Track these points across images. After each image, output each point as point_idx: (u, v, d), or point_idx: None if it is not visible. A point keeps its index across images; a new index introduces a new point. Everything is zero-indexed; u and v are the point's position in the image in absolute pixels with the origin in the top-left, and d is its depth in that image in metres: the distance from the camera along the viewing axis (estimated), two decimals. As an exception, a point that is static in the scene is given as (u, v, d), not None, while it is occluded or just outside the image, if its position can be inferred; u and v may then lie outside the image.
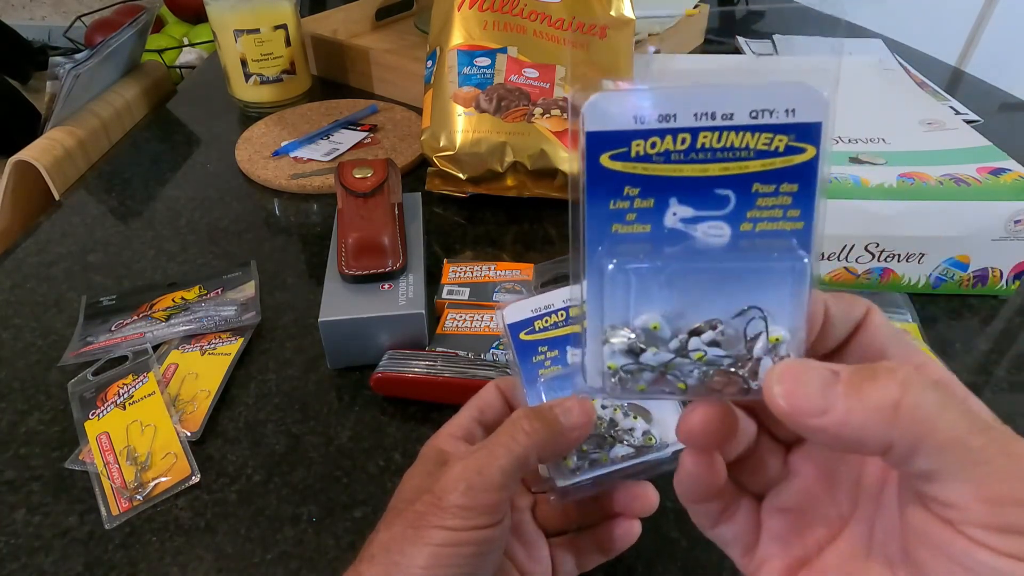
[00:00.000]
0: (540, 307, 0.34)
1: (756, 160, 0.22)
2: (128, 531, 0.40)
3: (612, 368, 0.24)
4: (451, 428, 0.34)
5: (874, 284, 0.56)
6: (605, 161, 0.23)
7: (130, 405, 0.46)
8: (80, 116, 0.77)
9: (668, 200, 0.23)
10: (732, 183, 0.22)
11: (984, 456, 0.19)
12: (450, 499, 0.28)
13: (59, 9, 2.57)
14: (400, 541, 0.28)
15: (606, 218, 0.23)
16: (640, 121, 0.22)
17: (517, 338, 0.34)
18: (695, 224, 0.23)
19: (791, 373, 0.21)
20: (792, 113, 0.22)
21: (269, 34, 0.80)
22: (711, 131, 0.22)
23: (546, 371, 0.33)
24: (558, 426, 0.29)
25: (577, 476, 0.32)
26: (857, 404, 0.19)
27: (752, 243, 0.23)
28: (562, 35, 0.68)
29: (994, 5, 1.62)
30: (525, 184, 0.67)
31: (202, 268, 0.60)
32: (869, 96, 0.68)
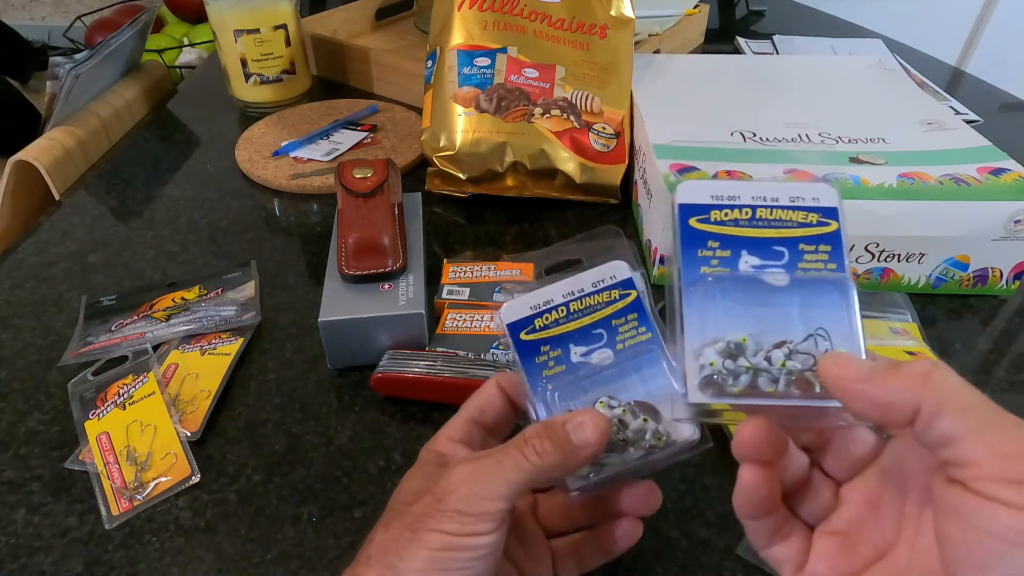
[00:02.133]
0: (539, 304, 0.34)
1: (799, 228, 0.31)
2: (128, 531, 0.40)
3: (713, 364, 0.29)
4: (449, 431, 0.34)
5: (874, 284, 0.56)
6: (693, 223, 0.32)
7: (130, 405, 0.46)
8: (80, 116, 0.77)
9: (740, 252, 0.31)
10: (785, 243, 0.31)
11: (996, 420, 0.22)
12: (450, 502, 0.28)
13: (59, 9, 2.57)
14: (397, 543, 0.28)
15: (696, 262, 0.31)
16: (716, 198, 0.32)
17: (517, 338, 0.34)
18: (763, 271, 0.31)
19: (842, 355, 0.26)
20: (816, 200, 0.32)
21: (269, 34, 0.80)
22: (764, 207, 0.32)
23: (550, 372, 0.33)
24: (570, 446, 0.29)
25: (589, 479, 0.32)
26: (895, 373, 0.24)
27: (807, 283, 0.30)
28: (562, 35, 0.68)
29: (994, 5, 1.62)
30: (525, 184, 0.67)
31: (202, 268, 0.60)
32: (869, 96, 0.68)
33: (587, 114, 0.67)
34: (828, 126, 0.61)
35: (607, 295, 0.34)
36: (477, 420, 0.34)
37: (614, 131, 0.67)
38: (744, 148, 0.58)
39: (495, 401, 0.34)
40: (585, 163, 0.66)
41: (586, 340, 0.33)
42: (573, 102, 0.67)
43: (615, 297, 0.34)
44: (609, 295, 0.34)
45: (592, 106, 0.67)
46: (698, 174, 0.54)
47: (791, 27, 1.10)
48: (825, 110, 0.64)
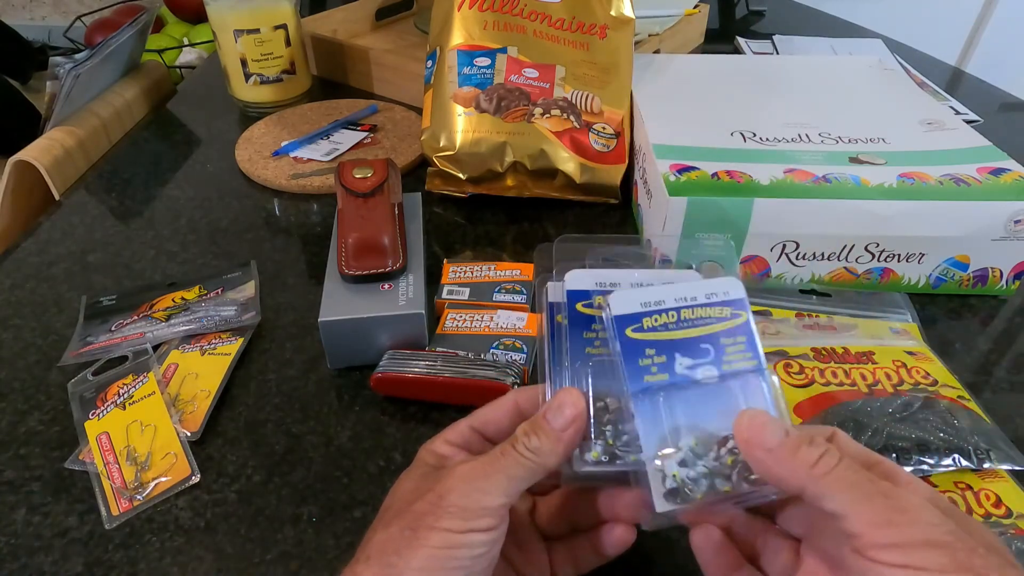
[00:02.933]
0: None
1: (717, 324, 0.33)
2: (128, 531, 0.40)
3: (676, 476, 0.29)
4: (449, 434, 0.34)
5: (874, 284, 0.56)
6: (629, 333, 0.32)
7: (130, 405, 0.46)
8: (80, 116, 0.77)
9: (674, 355, 0.32)
10: (709, 339, 0.32)
11: (866, 496, 0.26)
12: (451, 499, 0.28)
13: (59, 9, 2.57)
14: (397, 542, 0.28)
15: (639, 372, 0.31)
16: (645, 305, 0.32)
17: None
18: (695, 370, 0.32)
19: (760, 417, 0.29)
20: (727, 294, 0.33)
21: (269, 34, 0.80)
22: (687, 308, 0.33)
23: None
24: (553, 433, 0.30)
25: (597, 468, 0.31)
26: (790, 455, 0.27)
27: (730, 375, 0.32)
28: (562, 35, 0.68)
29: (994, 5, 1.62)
30: (525, 184, 0.67)
31: (202, 268, 0.60)
32: (869, 96, 0.68)
33: (587, 114, 0.67)
34: (828, 126, 0.61)
35: (719, 311, 0.33)
36: (479, 430, 0.34)
37: (614, 131, 0.67)
38: (744, 148, 0.58)
39: (503, 418, 0.34)
40: (585, 163, 0.66)
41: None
42: (573, 102, 0.67)
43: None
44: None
45: (592, 106, 0.67)
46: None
47: (791, 27, 1.10)
48: (825, 110, 0.64)
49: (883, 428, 0.41)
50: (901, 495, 0.26)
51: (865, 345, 0.48)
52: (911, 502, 0.25)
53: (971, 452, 0.40)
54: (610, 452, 0.31)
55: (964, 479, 0.40)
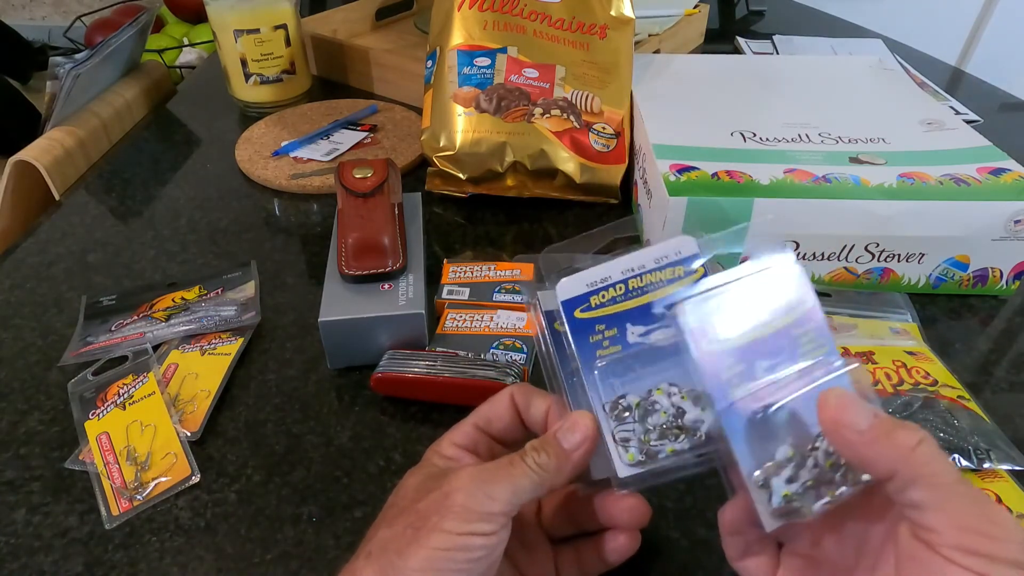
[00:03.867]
0: (596, 280, 0.33)
1: (670, 285, 0.33)
2: (128, 531, 0.40)
3: (787, 496, 0.28)
4: (455, 436, 0.34)
5: (874, 284, 0.56)
6: (578, 315, 0.32)
7: (130, 405, 0.46)
8: (80, 116, 0.77)
9: (625, 326, 0.32)
10: (659, 304, 0.32)
11: (959, 497, 0.25)
12: (456, 498, 0.28)
13: (59, 9, 2.57)
14: (399, 541, 0.28)
15: (590, 348, 0.32)
16: (591, 285, 0.33)
17: (572, 316, 0.32)
18: (649, 336, 0.32)
19: (846, 399, 0.27)
20: (679, 253, 0.33)
21: (269, 34, 0.80)
22: (634, 278, 0.33)
23: (604, 351, 0.32)
24: (562, 453, 0.30)
25: (639, 468, 0.31)
26: (885, 440, 0.26)
27: None
28: (562, 35, 0.68)
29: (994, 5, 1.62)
30: (525, 184, 0.67)
31: (202, 268, 0.60)
32: (869, 96, 0.68)
33: (587, 114, 0.67)
34: (828, 126, 0.61)
35: (671, 271, 0.32)
36: (484, 429, 0.34)
37: (614, 131, 0.67)
38: (744, 148, 0.58)
39: (504, 413, 0.34)
40: (585, 163, 0.66)
41: (645, 319, 0.32)
42: (573, 102, 0.67)
43: (679, 275, 0.32)
44: (673, 272, 0.32)
45: (592, 106, 0.67)
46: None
47: (791, 27, 1.10)
48: (825, 110, 0.64)
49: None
50: (994, 507, 0.25)
51: (865, 345, 0.48)
52: (1004, 517, 0.25)
53: (971, 452, 0.40)
54: (646, 450, 0.31)
55: (964, 479, 0.40)
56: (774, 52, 1.01)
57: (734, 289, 0.31)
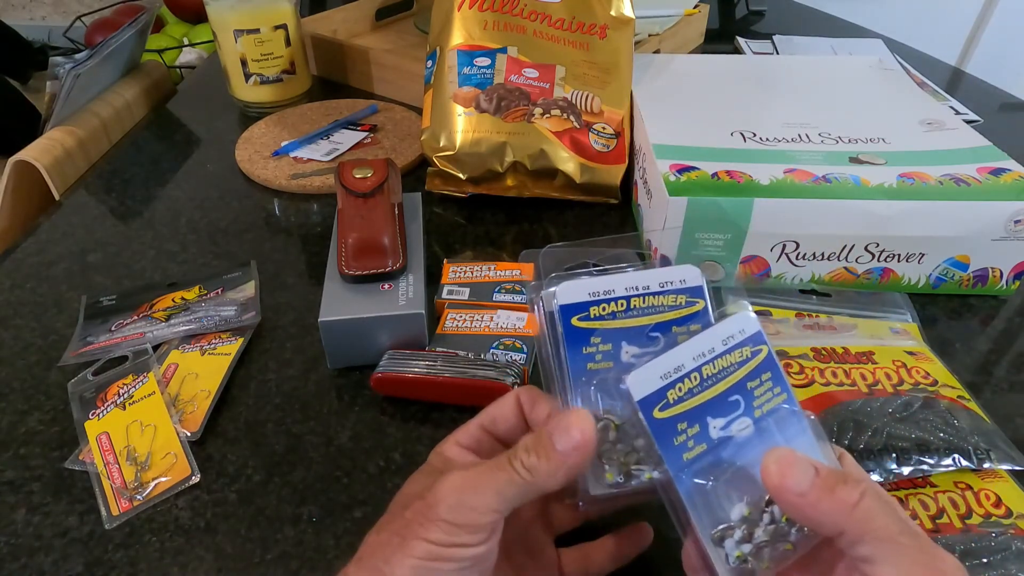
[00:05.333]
0: (599, 291, 0.32)
1: (670, 312, 0.32)
2: (128, 531, 0.40)
3: (740, 556, 0.28)
4: (459, 436, 0.33)
5: (874, 284, 0.56)
6: (575, 322, 0.32)
7: (130, 405, 0.46)
8: (80, 116, 0.77)
9: (620, 343, 0.32)
10: (659, 328, 0.32)
11: (905, 549, 0.26)
12: (439, 511, 0.28)
13: (59, 9, 2.57)
14: (386, 548, 0.28)
15: (581, 359, 0.31)
16: (594, 295, 0.32)
17: (568, 323, 0.31)
18: (642, 359, 0.31)
19: (786, 460, 0.27)
20: (683, 281, 0.33)
21: (269, 34, 0.80)
22: (637, 296, 0.32)
23: (596, 365, 0.31)
24: (555, 456, 0.28)
25: (613, 489, 0.31)
26: (828, 497, 0.26)
27: None
28: (562, 35, 0.68)
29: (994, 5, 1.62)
30: (525, 184, 0.67)
31: (202, 268, 0.60)
32: (869, 96, 0.68)
33: (587, 114, 0.67)
34: (828, 126, 0.61)
35: (739, 354, 0.31)
36: (489, 429, 0.34)
37: (614, 131, 0.67)
38: (744, 148, 0.58)
39: (509, 416, 0.33)
40: (585, 163, 0.66)
41: (723, 410, 0.30)
42: (573, 102, 0.67)
43: (747, 356, 0.31)
44: (741, 354, 0.31)
45: (592, 106, 0.67)
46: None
47: (791, 27, 1.10)
48: (825, 110, 0.64)
49: (883, 428, 0.41)
50: (940, 555, 0.26)
51: (865, 345, 0.48)
52: (949, 564, 0.26)
53: (971, 452, 0.40)
54: (625, 471, 0.30)
55: (964, 479, 0.40)
56: (774, 52, 1.01)
57: (688, 347, 0.31)
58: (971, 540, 0.36)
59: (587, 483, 0.31)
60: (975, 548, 0.36)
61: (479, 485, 0.28)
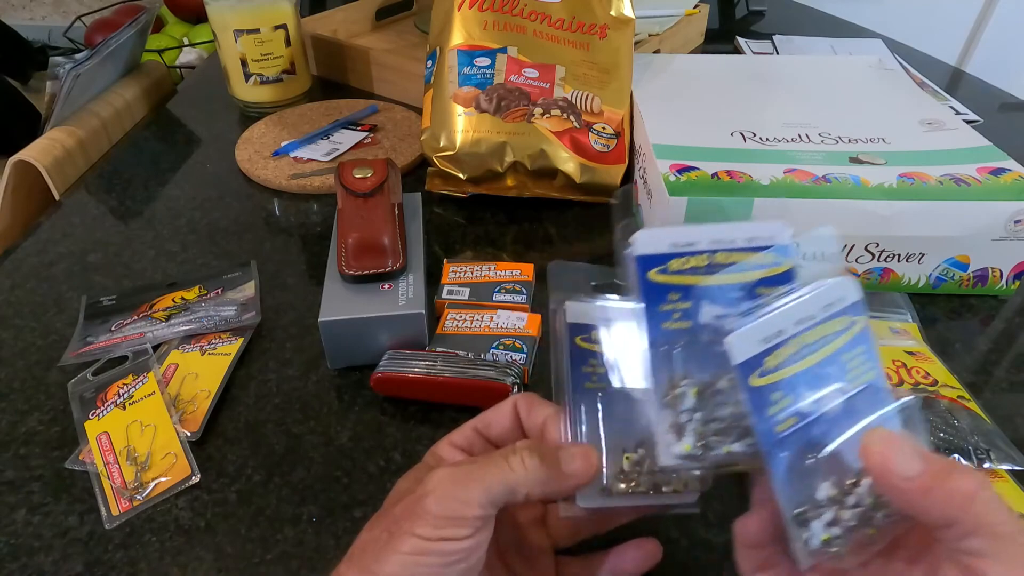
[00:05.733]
0: (681, 243, 0.29)
1: (756, 271, 0.29)
2: (128, 531, 0.40)
3: (827, 539, 0.27)
4: (454, 436, 0.34)
5: (874, 284, 0.56)
6: (653, 276, 0.29)
7: (130, 405, 0.46)
8: (80, 116, 0.77)
9: (701, 303, 0.29)
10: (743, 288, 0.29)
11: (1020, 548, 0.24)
12: (426, 504, 0.28)
13: (59, 9, 2.57)
14: (375, 546, 0.28)
15: (657, 318, 0.29)
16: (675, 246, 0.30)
17: (645, 277, 0.29)
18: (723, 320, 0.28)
19: (890, 441, 0.25)
20: (772, 239, 0.30)
21: (269, 34, 0.80)
22: (723, 251, 0.29)
23: (673, 324, 0.29)
24: (557, 471, 0.29)
25: (601, 503, 0.30)
26: (941, 485, 0.24)
27: None
28: (562, 35, 0.68)
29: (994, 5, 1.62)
30: (525, 184, 0.67)
31: (202, 268, 0.60)
32: (869, 96, 0.68)
33: (587, 114, 0.67)
34: (828, 126, 0.61)
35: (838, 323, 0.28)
36: (483, 432, 0.34)
37: (614, 131, 0.67)
38: (744, 148, 0.58)
39: (504, 418, 0.33)
40: (585, 163, 0.66)
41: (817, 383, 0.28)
42: (573, 102, 0.67)
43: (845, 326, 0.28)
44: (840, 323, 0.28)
45: (592, 106, 0.67)
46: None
47: (791, 27, 1.10)
48: (825, 110, 0.64)
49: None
50: None
51: (865, 345, 0.48)
52: None
53: (971, 452, 0.40)
54: (703, 443, 0.28)
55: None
56: (774, 52, 1.01)
57: (786, 314, 0.28)
58: (971, 540, 0.36)
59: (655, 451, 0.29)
60: (975, 548, 0.36)
61: (467, 479, 0.28)
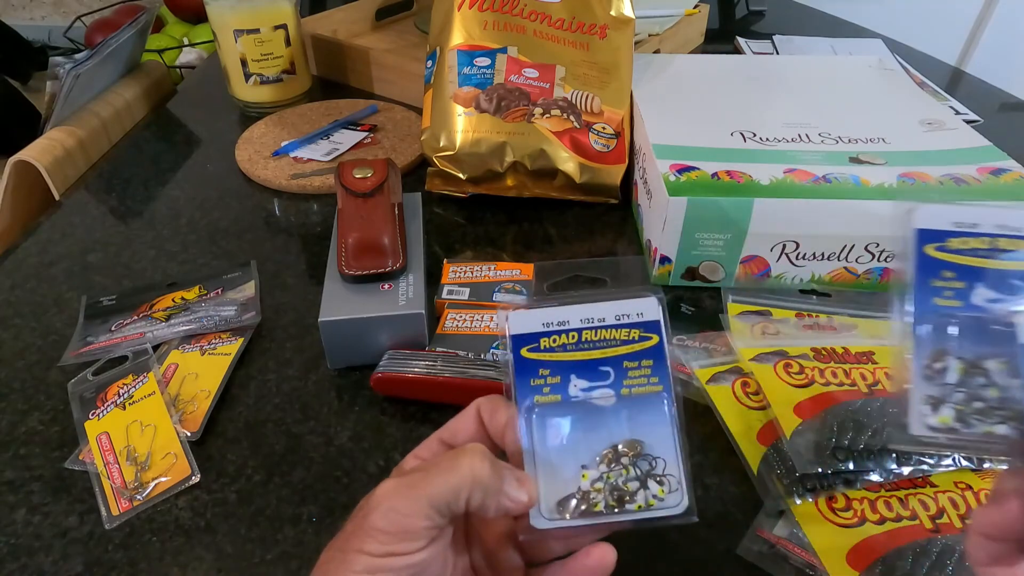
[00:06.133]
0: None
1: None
2: (128, 531, 0.40)
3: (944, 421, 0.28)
4: (419, 450, 0.33)
5: (874, 284, 0.56)
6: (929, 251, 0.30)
7: (130, 405, 0.46)
8: (80, 116, 0.77)
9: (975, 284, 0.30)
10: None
11: None
12: (372, 520, 0.27)
13: (59, 9, 2.57)
14: (330, 565, 0.28)
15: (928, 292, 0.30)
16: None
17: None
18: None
19: None
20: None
21: (269, 34, 0.80)
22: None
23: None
24: (498, 487, 0.28)
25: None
26: None
27: None
28: (562, 35, 0.68)
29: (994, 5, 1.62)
30: (525, 184, 0.67)
31: (202, 268, 0.60)
32: (869, 96, 0.68)
33: (587, 114, 0.67)
34: (828, 126, 0.61)
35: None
36: (449, 442, 0.33)
37: (614, 131, 0.67)
38: (744, 148, 0.58)
39: (469, 425, 0.33)
40: (585, 163, 0.66)
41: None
42: (573, 102, 0.67)
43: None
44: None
45: (592, 106, 0.67)
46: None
47: (791, 27, 1.10)
48: (825, 110, 0.64)
49: (883, 428, 0.41)
50: None
51: (865, 345, 0.48)
52: None
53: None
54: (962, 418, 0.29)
55: (964, 479, 0.40)
56: (774, 52, 1.01)
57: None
58: (971, 540, 0.36)
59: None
60: (975, 548, 0.36)
61: (410, 490, 0.28)
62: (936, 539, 0.36)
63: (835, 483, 0.39)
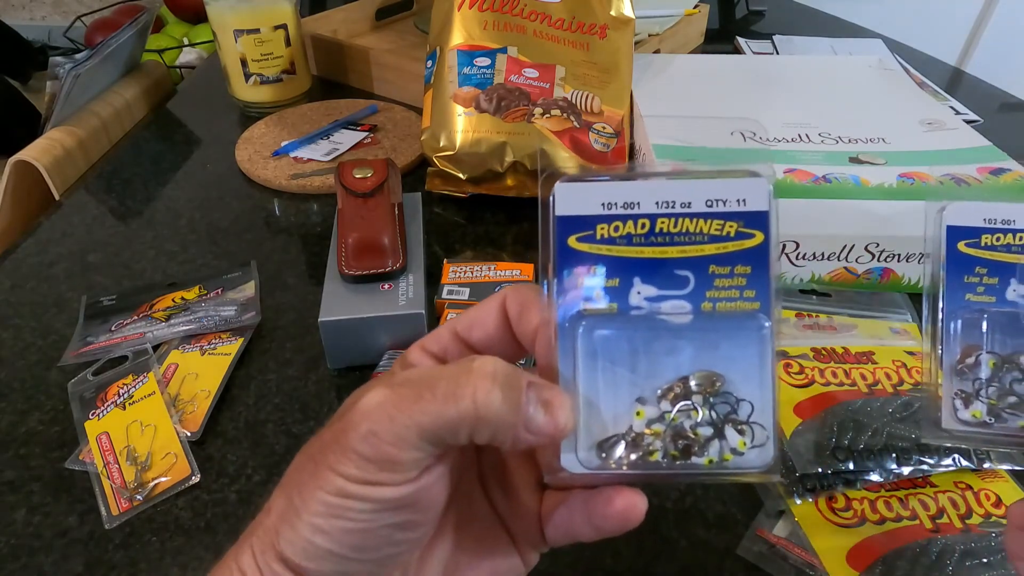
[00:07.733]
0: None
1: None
2: (128, 531, 0.40)
3: (976, 416, 0.28)
4: (427, 341, 0.27)
5: (874, 284, 0.56)
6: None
7: (130, 405, 0.46)
8: (80, 116, 0.77)
9: (1009, 280, 0.29)
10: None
11: None
12: (350, 439, 0.22)
13: (59, 9, 2.57)
14: (301, 474, 0.23)
15: (961, 288, 0.29)
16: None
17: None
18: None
19: None
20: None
21: (269, 34, 0.80)
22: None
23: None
24: (512, 421, 0.22)
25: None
26: None
27: None
28: (562, 35, 0.68)
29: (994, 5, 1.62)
30: (525, 184, 0.67)
31: (202, 268, 0.60)
32: (869, 96, 0.68)
33: (587, 114, 0.67)
34: (828, 126, 0.61)
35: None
36: (463, 336, 0.26)
37: (614, 131, 0.67)
38: (744, 148, 0.58)
39: (490, 320, 0.26)
40: (585, 163, 0.66)
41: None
42: (573, 102, 0.67)
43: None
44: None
45: (592, 106, 0.67)
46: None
47: (791, 27, 1.10)
48: (825, 110, 0.64)
49: (883, 428, 0.41)
50: None
51: (865, 345, 0.48)
52: None
53: (971, 452, 0.40)
54: (995, 412, 0.29)
55: (964, 479, 0.40)
56: (774, 52, 1.01)
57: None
58: (971, 540, 0.36)
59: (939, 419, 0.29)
60: (975, 548, 0.36)
61: (397, 412, 0.21)
62: (936, 539, 0.36)
63: (835, 483, 0.39)
